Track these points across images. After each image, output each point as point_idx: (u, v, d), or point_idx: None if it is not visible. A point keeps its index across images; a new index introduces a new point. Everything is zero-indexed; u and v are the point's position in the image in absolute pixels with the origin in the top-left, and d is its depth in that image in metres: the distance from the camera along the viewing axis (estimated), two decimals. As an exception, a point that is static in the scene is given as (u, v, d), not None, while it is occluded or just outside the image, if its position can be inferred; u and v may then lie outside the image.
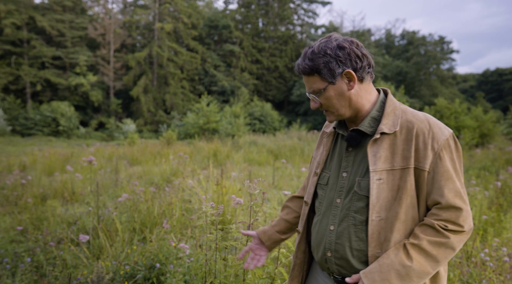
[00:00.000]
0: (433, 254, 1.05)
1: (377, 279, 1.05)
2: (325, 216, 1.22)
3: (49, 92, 32.92)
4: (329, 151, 1.29)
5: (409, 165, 1.09)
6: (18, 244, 3.90)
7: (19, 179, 6.88)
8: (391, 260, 1.06)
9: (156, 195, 4.83)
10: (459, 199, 1.07)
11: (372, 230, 1.10)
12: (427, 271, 1.05)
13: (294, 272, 1.37)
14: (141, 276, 2.88)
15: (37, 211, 5.05)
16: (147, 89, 35.09)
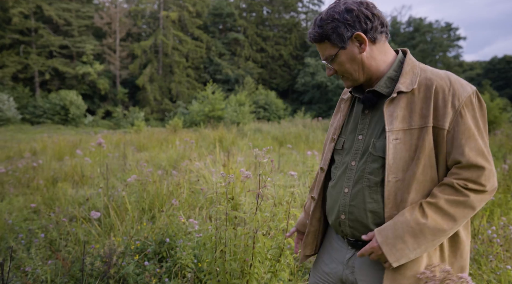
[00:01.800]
0: (450, 213, 1.02)
1: (390, 236, 1.04)
2: (340, 179, 1.22)
3: (57, 81, 33.16)
4: (346, 116, 1.28)
5: (427, 123, 1.05)
6: (32, 222, 4.01)
7: (30, 162, 7.03)
8: (406, 218, 1.04)
9: (164, 177, 4.90)
10: (482, 158, 1.02)
11: (389, 191, 1.08)
12: (443, 229, 1.02)
13: (308, 240, 1.37)
14: (151, 251, 2.96)
15: (49, 192, 5.16)
16: (153, 78, 35.13)
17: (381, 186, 1.11)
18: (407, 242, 1.02)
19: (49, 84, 33.06)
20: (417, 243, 1.02)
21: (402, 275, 1.07)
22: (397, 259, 1.03)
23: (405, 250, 1.02)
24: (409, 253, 1.03)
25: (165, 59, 36.16)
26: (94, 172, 6.69)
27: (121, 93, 33.88)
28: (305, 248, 1.38)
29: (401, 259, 1.03)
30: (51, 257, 3.10)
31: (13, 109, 26.93)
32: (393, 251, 1.03)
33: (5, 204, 4.78)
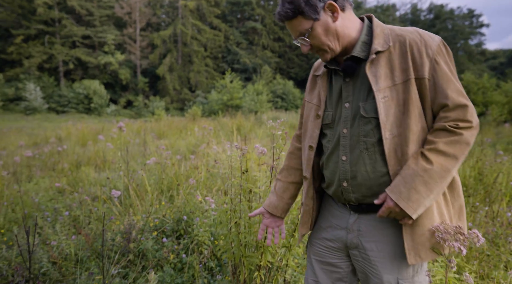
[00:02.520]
0: (450, 153, 1.07)
1: (403, 190, 1.07)
2: (335, 149, 1.23)
3: (80, 71, 34.00)
4: (326, 90, 1.29)
5: (409, 76, 1.10)
6: (57, 201, 4.19)
7: (55, 147, 7.30)
8: (413, 169, 1.08)
9: (182, 161, 4.99)
10: (463, 97, 1.09)
11: (389, 148, 1.11)
12: (448, 169, 1.07)
13: (304, 219, 1.38)
14: (169, 228, 3.04)
15: (73, 175, 5.36)
16: (172, 68, 35.46)
17: (378, 146, 1.14)
18: (420, 191, 1.06)
19: (72, 74, 33.95)
20: (429, 189, 1.06)
21: (420, 231, 1.11)
22: (415, 210, 1.06)
23: (420, 199, 1.06)
24: (424, 201, 1.07)
25: (184, 48, 36.35)
26: (116, 156, 6.87)
27: (141, 83, 34.42)
28: (302, 227, 1.39)
29: (419, 209, 1.07)
30: (74, 233, 3.23)
31: (40, 99, 27.88)
32: (410, 204, 1.06)
33: (32, 185, 5.00)
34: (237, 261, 1.95)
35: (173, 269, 2.60)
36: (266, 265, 1.97)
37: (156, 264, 2.65)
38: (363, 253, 1.22)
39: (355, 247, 1.24)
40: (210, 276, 2.49)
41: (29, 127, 16.52)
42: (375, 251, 1.19)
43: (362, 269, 1.25)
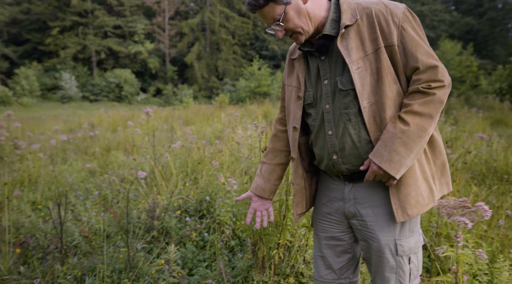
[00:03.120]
0: (426, 112, 1.12)
1: (384, 153, 1.13)
2: (321, 126, 1.28)
3: (112, 60, 35.05)
4: (304, 72, 1.33)
5: (379, 45, 1.16)
6: (88, 182, 4.39)
7: (88, 132, 7.61)
8: (391, 132, 1.14)
9: (207, 146, 5.05)
10: (432, 59, 1.14)
11: (368, 116, 1.18)
12: (425, 128, 1.13)
13: (297, 198, 1.42)
14: (192, 208, 3.11)
15: (103, 158, 5.58)
16: (200, 56, 35.74)
17: (359, 115, 1.20)
18: (401, 152, 1.12)
19: (104, 64, 35.07)
20: (409, 149, 1.12)
21: (405, 190, 1.18)
22: (397, 170, 1.13)
23: (401, 160, 1.12)
24: (405, 161, 1.13)
25: (212, 36, 36.46)
26: (143, 141, 7.08)
27: (170, 71, 35.03)
28: (296, 207, 1.42)
29: (401, 169, 1.13)
30: (103, 211, 3.38)
31: (74, 88, 29.10)
32: (392, 165, 1.12)
33: (66, 166, 5.26)
34: (256, 238, 1.97)
35: (195, 247, 2.66)
36: (285, 243, 1.97)
37: (179, 242, 2.72)
38: (361, 220, 1.28)
39: (353, 216, 1.30)
40: (231, 255, 2.53)
41: (64, 115, 17.30)
42: (371, 216, 1.25)
43: (363, 237, 1.30)
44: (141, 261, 2.22)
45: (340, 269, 1.42)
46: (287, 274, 2.09)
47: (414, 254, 1.26)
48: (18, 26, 33.41)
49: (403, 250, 1.24)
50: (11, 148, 5.78)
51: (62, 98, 28.88)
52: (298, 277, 2.12)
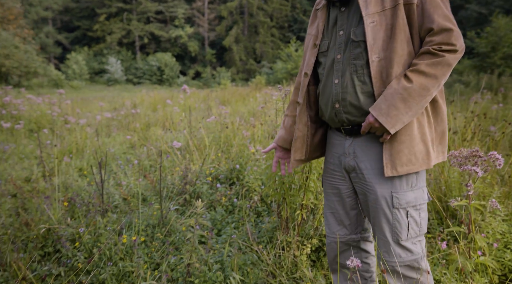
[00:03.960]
0: (431, 73, 1.12)
1: (383, 107, 1.15)
2: (329, 75, 1.31)
3: (154, 45, 36.15)
4: (324, 21, 1.37)
5: (398, 1, 1.16)
6: (129, 153, 4.67)
7: (130, 110, 8.02)
8: (394, 88, 1.15)
9: (241, 121, 5.14)
10: (449, 22, 1.13)
11: (375, 70, 1.19)
12: (427, 88, 1.13)
13: (297, 144, 1.45)
14: (223, 176, 3.22)
15: (143, 132, 5.88)
16: (239, 39, 35.74)
17: (366, 68, 1.22)
18: (399, 108, 1.13)
19: (147, 48, 36.25)
20: (408, 106, 1.14)
21: (398, 146, 1.20)
22: (393, 125, 1.14)
23: (399, 115, 1.14)
24: (402, 117, 1.14)
25: (250, 19, 36.23)
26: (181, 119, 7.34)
27: (209, 55, 35.50)
28: (295, 152, 1.46)
29: (397, 124, 1.14)
30: (141, 177, 3.60)
31: (120, 71, 30.48)
32: (388, 119, 1.14)
33: (110, 140, 5.62)
34: (279, 198, 2.02)
35: (225, 211, 2.78)
36: (308, 205, 2.00)
37: (209, 205, 2.85)
38: (360, 173, 1.31)
39: (353, 170, 1.33)
40: (259, 220, 2.61)
41: (110, 96, 18.25)
42: (368, 169, 1.28)
43: (361, 190, 1.34)
44: (172, 218, 2.37)
45: (351, 225, 1.46)
46: (311, 235, 2.13)
47: (414, 209, 1.26)
48: (69, 14, 35.40)
49: (400, 202, 1.24)
50: (62, 122, 6.25)
51: (108, 81, 30.39)
52: (322, 239, 2.15)
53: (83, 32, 35.54)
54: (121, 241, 2.12)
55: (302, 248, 2.05)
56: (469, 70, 15.30)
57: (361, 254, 1.52)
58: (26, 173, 3.82)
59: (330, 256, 1.54)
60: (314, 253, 2.17)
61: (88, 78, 30.23)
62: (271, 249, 2.13)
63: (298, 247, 2.07)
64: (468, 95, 9.18)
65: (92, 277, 1.99)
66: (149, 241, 2.25)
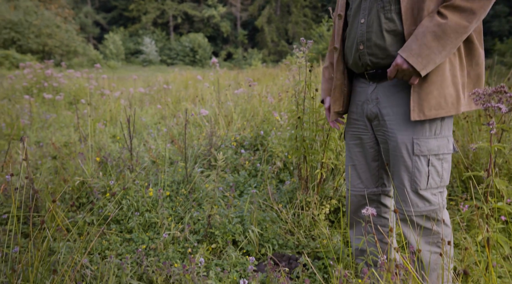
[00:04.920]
0: (467, 7, 1.03)
1: (414, 47, 1.07)
2: (356, 15, 1.26)
3: (187, 25, 36.47)
4: None
5: None
6: (159, 123, 4.83)
7: (162, 86, 8.23)
8: (426, 26, 1.06)
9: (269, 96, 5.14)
10: None
11: (405, 6, 1.11)
12: (464, 25, 1.04)
13: (335, 94, 1.42)
14: (247, 143, 3.27)
15: (174, 106, 6.04)
16: (271, 19, 35.19)
17: (395, 4, 1.14)
18: (432, 47, 1.06)
19: (180, 28, 36.65)
20: (441, 45, 1.05)
21: (428, 88, 1.12)
22: (424, 66, 1.06)
23: (431, 55, 1.06)
24: (435, 57, 1.06)
25: (284, -2, 35.49)
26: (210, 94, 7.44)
27: (241, 35, 35.32)
28: (334, 104, 1.43)
29: (428, 65, 1.06)
30: (170, 143, 3.73)
31: (154, 52, 31.13)
32: (419, 60, 1.06)
33: (143, 112, 5.83)
34: (299, 156, 2.03)
35: (248, 174, 2.83)
36: (328, 163, 2.00)
37: (233, 169, 2.92)
38: (382, 120, 1.28)
39: (375, 117, 1.30)
40: (281, 184, 2.65)
41: (144, 76, 18.78)
42: (390, 115, 1.24)
43: (383, 139, 1.30)
44: (196, 176, 2.46)
45: (372, 177, 1.44)
46: (330, 196, 2.14)
47: (436, 158, 1.21)
48: (106, -7, 36.33)
49: (421, 149, 1.19)
50: (98, 95, 6.54)
51: (143, 62, 31.17)
52: (341, 200, 2.15)
53: (120, 12, 36.42)
54: (147, 194, 2.23)
55: (321, 208, 2.07)
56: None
57: (380, 208, 1.51)
58: (65, 139, 4.07)
59: (350, 210, 1.54)
60: (333, 213, 2.18)
61: (124, 59, 31.14)
62: (290, 209, 2.16)
63: (317, 206, 2.08)
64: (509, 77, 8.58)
65: (121, 226, 2.13)
66: (174, 196, 2.36)
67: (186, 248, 1.90)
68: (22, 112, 5.23)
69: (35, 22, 22.74)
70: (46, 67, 7.62)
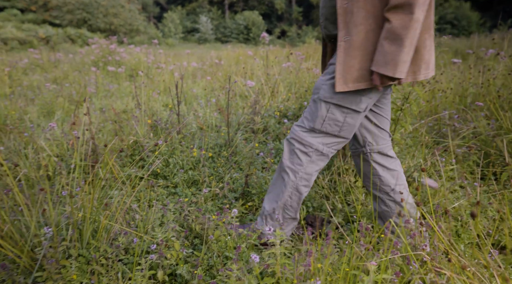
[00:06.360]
0: (403, 2, 1.09)
1: (379, 59, 1.18)
2: None
3: (242, 3, 36.39)
4: None
5: None
6: (209, 95, 5.01)
7: (214, 60, 8.44)
8: (381, 37, 1.17)
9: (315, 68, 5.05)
10: None
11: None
12: (408, 18, 1.10)
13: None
14: (291, 113, 3.30)
15: (224, 80, 6.19)
16: (329, -5, 33.80)
17: None
18: (392, 51, 1.15)
19: (235, 6, 36.70)
20: (398, 45, 1.15)
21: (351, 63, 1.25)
22: (394, 70, 1.17)
23: (395, 58, 1.16)
24: (399, 57, 1.16)
25: (343, -28, 33.75)
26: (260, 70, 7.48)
27: (295, 12, 34.47)
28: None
29: (397, 67, 1.16)
30: (217, 112, 3.88)
31: (210, 30, 31.68)
32: (388, 67, 1.18)
33: (195, 84, 6.07)
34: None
35: (288, 143, 2.88)
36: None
37: (275, 137, 2.98)
38: None
39: None
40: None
41: (199, 52, 19.30)
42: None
43: None
44: (237, 140, 2.56)
45: (354, 138, 1.61)
46: (368, 164, 2.11)
47: (337, 108, 1.33)
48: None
49: (324, 95, 1.34)
50: (155, 68, 6.91)
51: (198, 40, 31.93)
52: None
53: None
54: (191, 154, 2.39)
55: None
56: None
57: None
58: (124, 106, 4.41)
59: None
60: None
61: (181, 37, 32.15)
62: (327, 175, 2.18)
63: (354, 173, 2.08)
64: None
65: (167, 181, 2.31)
66: (216, 158, 2.49)
67: (224, 204, 2.02)
68: (90, 83, 5.73)
69: (103, 3, 24.26)
70: (110, 43, 8.19)
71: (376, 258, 1.06)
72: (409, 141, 2.43)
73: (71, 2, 23.81)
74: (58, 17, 23.99)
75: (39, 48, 11.71)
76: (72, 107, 4.42)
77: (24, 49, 15.15)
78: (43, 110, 4.23)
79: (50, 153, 2.50)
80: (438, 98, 3.16)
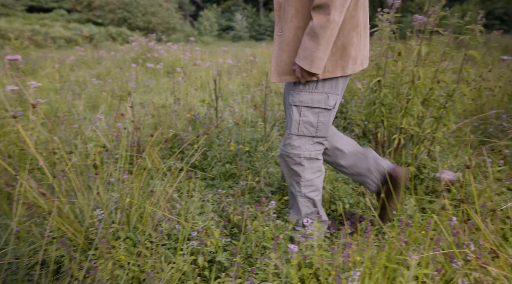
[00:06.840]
0: (322, 3, 1.16)
1: (300, 53, 1.26)
2: None
3: (277, 0, 36.36)
4: None
5: None
6: (244, 91, 5.08)
7: (249, 57, 8.53)
8: (305, 33, 1.24)
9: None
10: None
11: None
12: (325, 19, 1.18)
13: None
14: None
15: (259, 76, 6.25)
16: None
17: None
18: (310, 47, 1.23)
19: (270, 4, 36.59)
20: (316, 43, 1.23)
21: (282, 58, 1.34)
22: (310, 65, 1.25)
23: (312, 54, 1.23)
24: (316, 54, 1.23)
25: (382, -33, 32.68)
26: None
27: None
28: None
29: (313, 63, 1.24)
30: (252, 108, 3.93)
31: (244, 28, 31.90)
32: (306, 61, 1.25)
33: (230, 81, 6.18)
34: (376, 119, 2.00)
35: (324, 140, 2.87)
36: (407, 130, 1.94)
37: (310, 134, 2.98)
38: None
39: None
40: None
41: (234, 50, 19.52)
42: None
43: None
44: (274, 136, 2.59)
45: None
46: (408, 162, 2.07)
47: (309, 109, 1.38)
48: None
49: (293, 100, 1.40)
50: (191, 65, 7.09)
51: (233, 38, 32.25)
52: (420, 169, 2.07)
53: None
54: (229, 148, 2.45)
55: (397, 173, 2.02)
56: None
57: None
58: (162, 101, 4.58)
59: None
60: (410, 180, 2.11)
61: (216, 35, 32.62)
62: (364, 172, 2.16)
63: (392, 171, 2.04)
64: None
65: (205, 173, 2.39)
66: (252, 152, 2.54)
67: (260, 197, 2.07)
68: (130, 78, 6.00)
69: (142, 2, 25.16)
70: (149, 40, 8.50)
71: (417, 253, 1.06)
72: (452, 140, 2.35)
73: (112, 1, 24.89)
74: (101, 16, 25.18)
75: (84, 46, 12.37)
76: (114, 102, 4.65)
77: (70, 47, 16.05)
78: (89, 104, 4.48)
79: (97, 143, 2.66)
80: (484, 97, 3.02)
